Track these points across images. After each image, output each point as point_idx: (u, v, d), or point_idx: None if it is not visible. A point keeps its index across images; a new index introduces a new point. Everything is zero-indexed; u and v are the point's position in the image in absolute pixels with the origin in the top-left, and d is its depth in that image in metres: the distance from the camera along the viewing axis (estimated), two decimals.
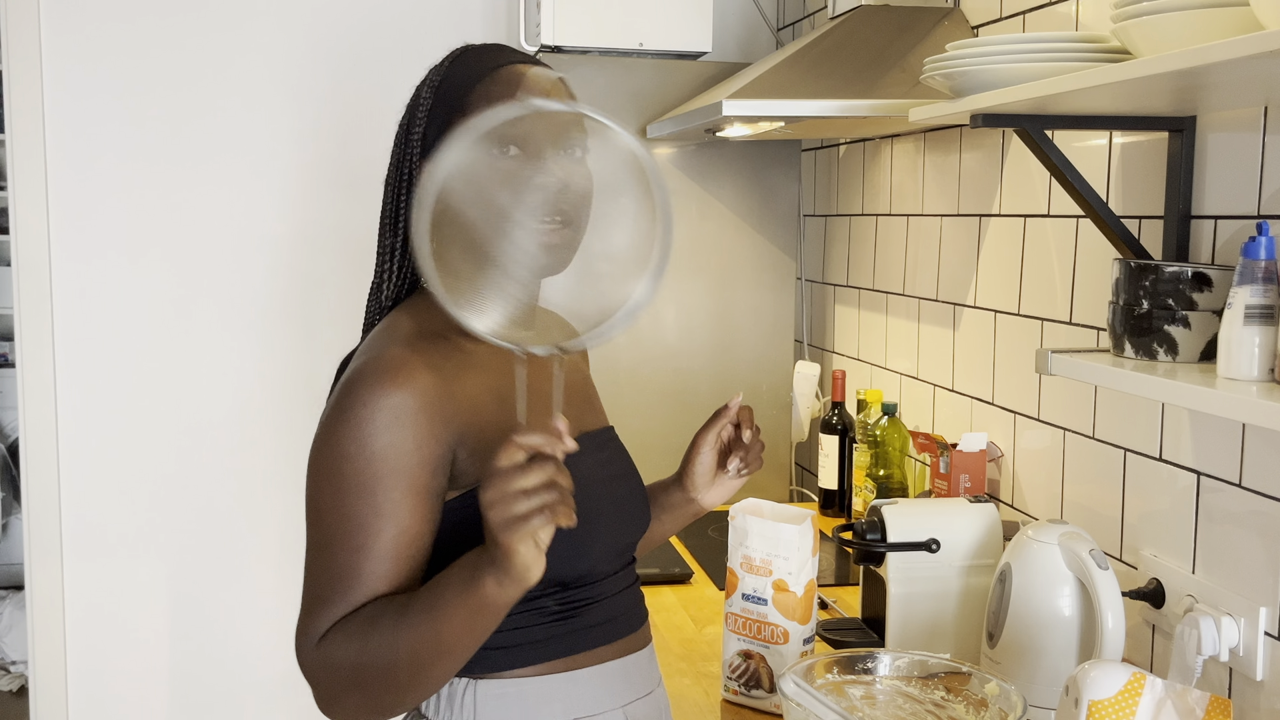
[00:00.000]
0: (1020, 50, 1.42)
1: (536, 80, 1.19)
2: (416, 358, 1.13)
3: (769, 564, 1.53)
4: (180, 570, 2.95)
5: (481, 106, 1.16)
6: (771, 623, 1.53)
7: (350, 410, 1.11)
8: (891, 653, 1.33)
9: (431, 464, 1.12)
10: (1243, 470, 1.43)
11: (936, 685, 1.29)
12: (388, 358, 1.13)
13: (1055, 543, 1.50)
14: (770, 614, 1.53)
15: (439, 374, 1.14)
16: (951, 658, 1.34)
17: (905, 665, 1.32)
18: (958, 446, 2.01)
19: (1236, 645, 1.41)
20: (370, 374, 1.12)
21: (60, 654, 2.90)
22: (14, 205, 2.79)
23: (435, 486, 1.13)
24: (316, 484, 1.13)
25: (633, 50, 2.61)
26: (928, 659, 1.32)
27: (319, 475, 1.12)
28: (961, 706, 1.24)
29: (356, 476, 1.10)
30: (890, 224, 2.49)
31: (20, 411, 2.85)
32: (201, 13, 2.84)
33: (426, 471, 1.12)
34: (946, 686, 1.28)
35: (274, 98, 2.89)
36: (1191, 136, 1.50)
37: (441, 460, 1.13)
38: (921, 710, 1.26)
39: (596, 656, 1.22)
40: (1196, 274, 1.35)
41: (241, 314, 2.93)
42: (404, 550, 1.11)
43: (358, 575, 1.10)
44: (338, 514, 1.10)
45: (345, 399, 1.12)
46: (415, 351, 1.14)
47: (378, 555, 1.10)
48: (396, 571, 1.11)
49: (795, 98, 1.97)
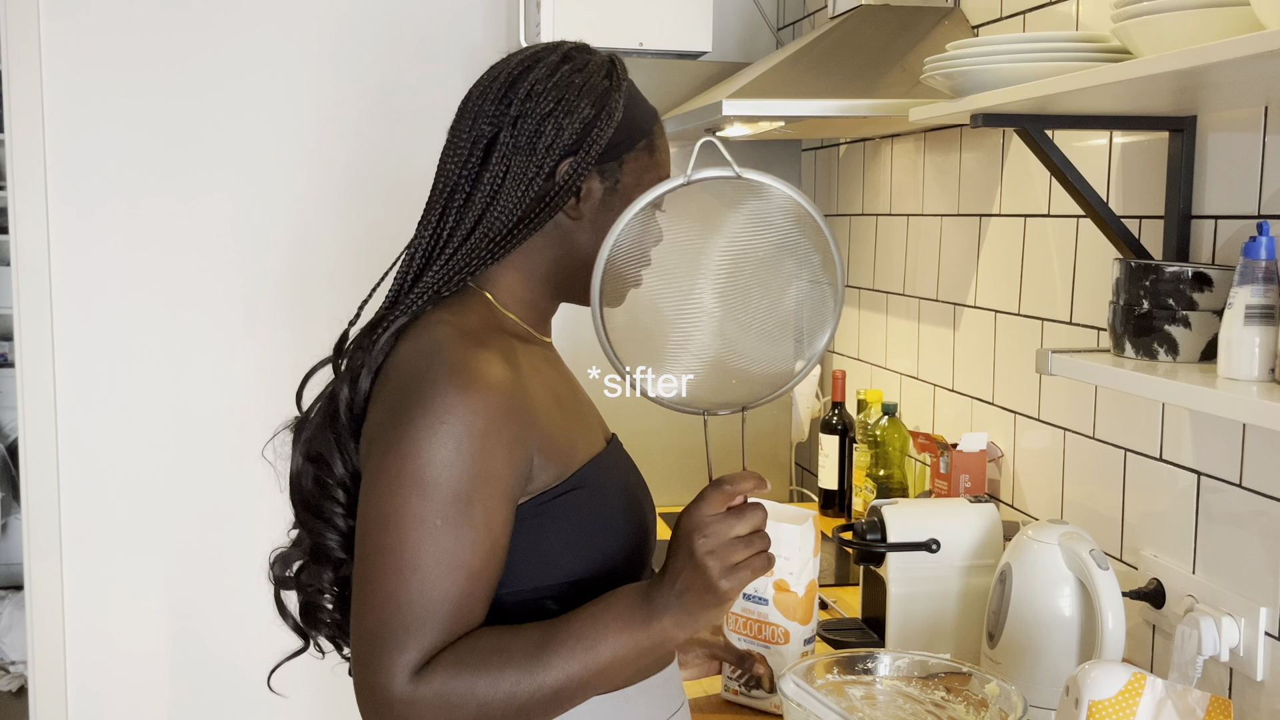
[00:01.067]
0: (1020, 50, 1.42)
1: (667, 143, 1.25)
2: (495, 354, 1.07)
3: None
4: (180, 570, 2.95)
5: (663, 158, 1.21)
6: (772, 623, 1.53)
7: (441, 414, 1.02)
8: (891, 653, 1.33)
9: (522, 469, 1.07)
10: (1243, 470, 1.43)
11: (937, 685, 1.29)
12: (469, 357, 1.05)
13: (1055, 543, 1.50)
14: (771, 614, 1.53)
15: (516, 371, 1.08)
16: (951, 658, 1.34)
17: (905, 665, 1.32)
18: (958, 446, 2.01)
19: (1237, 645, 1.41)
20: (455, 373, 1.04)
21: (60, 654, 2.90)
22: (14, 205, 2.79)
23: (519, 493, 1.08)
24: (398, 497, 1.01)
25: (633, 50, 2.61)
26: (928, 659, 1.32)
27: (400, 488, 1.01)
28: (962, 706, 1.24)
29: (454, 487, 1.01)
30: (890, 224, 2.48)
31: (20, 411, 2.84)
32: (201, 12, 2.84)
33: (515, 477, 1.06)
34: (946, 687, 1.28)
35: (274, 97, 2.89)
36: (1192, 136, 1.50)
37: (527, 464, 1.07)
38: (921, 710, 1.26)
39: (643, 672, 1.16)
40: (1197, 274, 1.35)
41: (241, 314, 2.93)
42: (497, 565, 1.05)
43: (458, 598, 1.01)
44: (431, 530, 1.00)
45: (429, 403, 1.02)
46: (490, 348, 1.08)
47: (477, 573, 1.02)
48: (491, 588, 1.05)
49: (795, 98, 1.96)
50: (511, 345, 1.12)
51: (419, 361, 1.07)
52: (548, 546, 1.11)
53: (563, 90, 1.15)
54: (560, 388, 1.19)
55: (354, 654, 1.04)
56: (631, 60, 2.64)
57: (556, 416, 1.13)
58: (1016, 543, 1.55)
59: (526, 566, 1.10)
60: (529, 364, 1.13)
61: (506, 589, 1.09)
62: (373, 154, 2.93)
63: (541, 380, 1.14)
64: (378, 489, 1.03)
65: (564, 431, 1.13)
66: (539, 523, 1.10)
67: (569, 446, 1.13)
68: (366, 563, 1.03)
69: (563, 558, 1.12)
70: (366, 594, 1.02)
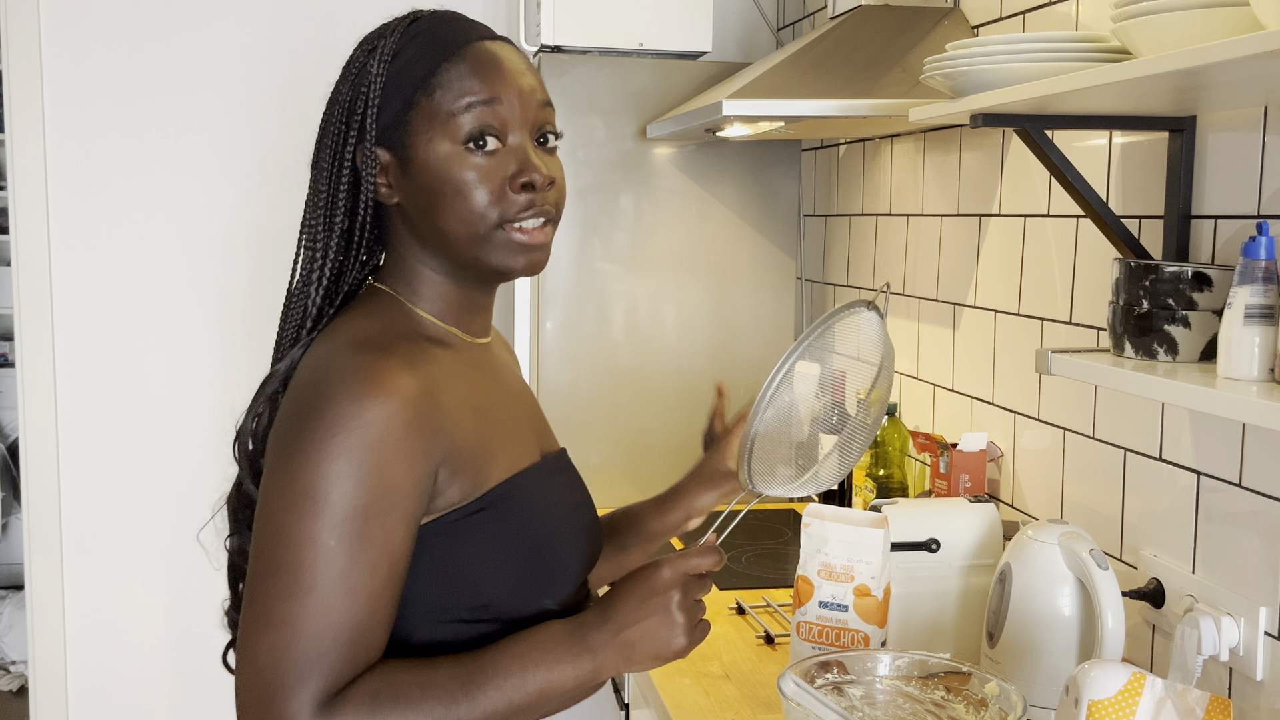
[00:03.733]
0: (1020, 50, 1.42)
1: (511, 61, 1.09)
2: (395, 361, 0.99)
3: (850, 569, 1.52)
4: (180, 570, 2.95)
5: (455, 85, 1.05)
6: (852, 628, 1.52)
7: (332, 425, 0.94)
8: (891, 653, 1.33)
9: (421, 485, 0.99)
10: (1243, 470, 1.43)
11: (936, 685, 1.29)
12: (367, 364, 0.98)
13: (1055, 543, 1.50)
14: (851, 620, 1.51)
15: (422, 380, 1.00)
16: (951, 658, 1.34)
17: (905, 665, 1.32)
18: (958, 446, 2.01)
19: (1236, 645, 1.41)
20: (351, 382, 0.97)
21: (60, 654, 2.90)
22: (14, 205, 2.79)
23: (420, 512, 1.01)
24: (290, 516, 0.94)
25: (633, 50, 2.61)
26: (928, 659, 1.32)
27: (292, 506, 0.94)
28: (961, 706, 1.24)
29: (349, 503, 0.94)
30: (890, 224, 2.49)
31: (20, 411, 2.85)
32: (199, 12, 2.84)
33: (417, 493, 0.99)
34: (946, 686, 1.28)
35: (273, 97, 2.89)
36: (1191, 136, 1.50)
37: (428, 480, 1.00)
38: (921, 710, 1.26)
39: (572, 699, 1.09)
40: (1196, 274, 1.35)
41: (242, 314, 2.93)
42: (396, 587, 0.98)
43: (359, 622, 0.95)
44: (324, 550, 0.93)
45: (320, 415, 0.95)
46: (391, 354, 1.00)
47: (376, 595, 0.96)
48: (391, 613, 0.99)
49: (795, 98, 1.97)
50: (422, 350, 1.05)
51: (315, 371, 1.01)
52: (456, 569, 1.04)
53: (337, 86, 1.12)
54: (483, 397, 1.10)
55: (244, 690, 0.95)
56: (631, 60, 2.65)
57: (470, 428, 1.05)
58: (1016, 542, 1.55)
59: (434, 589, 1.04)
60: (444, 370, 1.06)
61: (412, 609, 1.03)
62: None
63: (456, 388, 1.06)
64: (268, 506, 0.97)
65: (478, 445, 1.05)
66: (446, 542, 1.03)
67: (483, 461, 1.06)
68: (257, 584, 0.96)
69: (473, 581, 1.05)
70: (259, 619, 0.94)
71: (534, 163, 1.07)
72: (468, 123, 1.05)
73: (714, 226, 2.69)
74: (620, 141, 2.64)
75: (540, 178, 1.06)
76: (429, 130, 1.06)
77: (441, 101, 1.06)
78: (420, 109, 1.06)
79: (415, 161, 1.07)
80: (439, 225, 1.07)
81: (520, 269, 1.09)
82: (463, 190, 1.05)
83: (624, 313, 2.66)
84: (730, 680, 1.68)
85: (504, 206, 1.06)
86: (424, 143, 1.06)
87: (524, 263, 1.08)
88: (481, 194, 1.05)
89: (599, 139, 2.62)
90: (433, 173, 1.06)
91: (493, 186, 1.06)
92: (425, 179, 1.06)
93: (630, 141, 2.64)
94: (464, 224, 1.06)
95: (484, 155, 1.06)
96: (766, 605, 1.96)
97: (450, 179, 1.05)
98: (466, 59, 1.07)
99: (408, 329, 1.09)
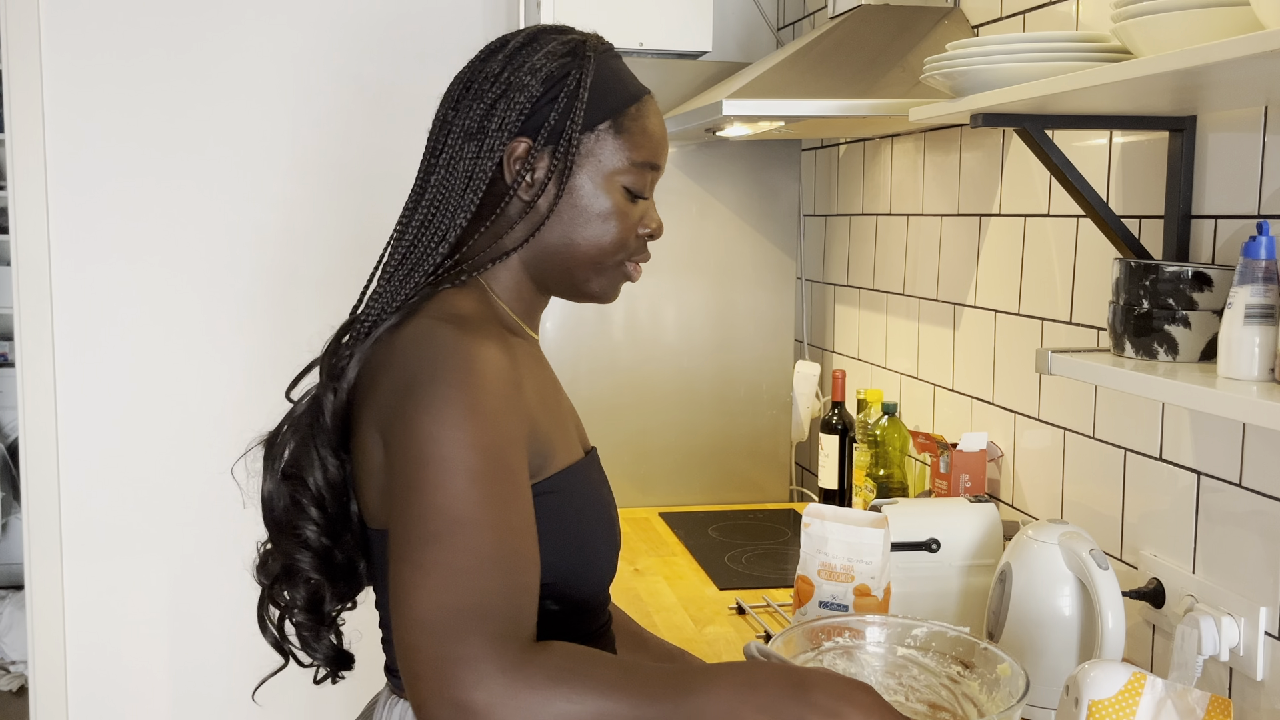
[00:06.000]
0: (1020, 50, 1.42)
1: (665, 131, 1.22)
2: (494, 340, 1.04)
3: (850, 569, 1.51)
4: (180, 569, 2.95)
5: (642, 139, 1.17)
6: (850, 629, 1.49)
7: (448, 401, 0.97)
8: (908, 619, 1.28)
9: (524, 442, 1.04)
10: (1243, 470, 1.43)
11: (954, 660, 1.26)
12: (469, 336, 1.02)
13: (1055, 543, 1.50)
14: (851, 621, 1.49)
15: (511, 360, 1.05)
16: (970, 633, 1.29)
17: (923, 636, 1.28)
18: (958, 446, 2.01)
19: (1236, 645, 1.41)
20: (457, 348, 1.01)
21: (60, 654, 2.90)
22: (14, 205, 2.79)
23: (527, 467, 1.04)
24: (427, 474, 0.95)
25: (633, 50, 2.61)
26: (946, 630, 1.26)
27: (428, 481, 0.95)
28: (976, 684, 1.22)
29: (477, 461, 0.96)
30: (890, 224, 2.49)
31: (20, 411, 2.85)
32: (200, 12, 2.84)
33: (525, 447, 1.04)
34: (964, 662, 1.25)
35: (273, 96, 2.89)
36: (1192, 136, 1.50)
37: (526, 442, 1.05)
38: (936, 683, 1.24)
39: None
40: (1197, 274, 1.35)
41: (242, 314, 2.93)
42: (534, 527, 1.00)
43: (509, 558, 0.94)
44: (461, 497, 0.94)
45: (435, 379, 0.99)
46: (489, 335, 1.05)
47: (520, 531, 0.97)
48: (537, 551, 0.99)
49: (795, 97, 1.97)
50: (505, 336, 1.09)
51: (418, 344, 1.04)
52: None
53: (515, 71, 1.14)
54: (546, 388, 1.16)
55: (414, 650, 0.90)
56: (631, 60, 2.65)
57: (541, 414, 1.11)
58: (1016, 542, 1.55)
59: None
60: (521, 356, 1.11)
61: None
62: (373, 154, 2.93)
63: (530, 376, 1.11)
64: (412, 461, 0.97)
65: (548, 431, 1.11)
66: None
67: (549, 448, 1.11)
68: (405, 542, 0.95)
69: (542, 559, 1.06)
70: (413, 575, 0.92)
71: (659, 220, 1.21)
72: (640, 175, 1.17)
73: (714, 226, 2.69)
74: None
75: (660, 232, 1.21)
76: (603, 160, 1.16)
77: (626, 144, 1.16)
78: (602, 137, 1.15)
79: (578, 179, 1.15)
80: (573, 239, 1.16)
81: (610, 296, 1.22)
82: (610, 222, 1.16)
83: (624, 313, 2.66)
84: None
85: (631, 246, 1.19)
86: (595, 168, 1.15)
87: (615, 293, 1.22)
88: (622, 231, 1.17)
89: None
90: (590, 195, 1.15)
91: (628, 226, 1.17)
92: (581, 198, 1.15)
93: None
94: (597, 249, 1.16)
95: (636, 202, 1.19)
96: (766, 605, 1.96)
97: (609, 210, 1.16)
98: (648, 114, 1.19)
99: (493, 315, 1.15)
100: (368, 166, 2.94)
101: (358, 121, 2.93)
